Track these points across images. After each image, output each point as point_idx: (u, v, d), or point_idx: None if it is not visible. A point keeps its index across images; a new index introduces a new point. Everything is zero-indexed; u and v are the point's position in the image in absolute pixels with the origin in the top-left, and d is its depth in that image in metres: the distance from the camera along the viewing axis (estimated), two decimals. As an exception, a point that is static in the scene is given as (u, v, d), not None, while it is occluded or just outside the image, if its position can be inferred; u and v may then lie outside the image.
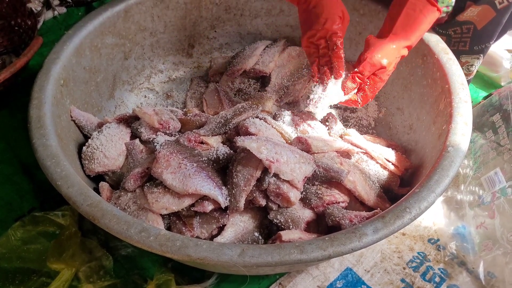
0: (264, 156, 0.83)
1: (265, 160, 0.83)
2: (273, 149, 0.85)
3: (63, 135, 0.92)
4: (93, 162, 0.95)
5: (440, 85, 0.99)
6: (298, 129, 1.07)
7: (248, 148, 0.83)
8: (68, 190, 0.77)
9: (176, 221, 0.85)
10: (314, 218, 0.88)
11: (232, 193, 0.83)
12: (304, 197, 0.90)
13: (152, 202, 0.83)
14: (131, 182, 0.88)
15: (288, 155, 0.86)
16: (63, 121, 0.96)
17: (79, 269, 0.92)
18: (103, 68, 1.14)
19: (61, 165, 0.81)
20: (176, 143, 0.90)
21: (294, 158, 0.87)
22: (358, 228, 0.73)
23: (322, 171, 0.91)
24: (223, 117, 0.99)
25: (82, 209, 0.75)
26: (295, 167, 0.86)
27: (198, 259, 0.69)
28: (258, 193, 0.85)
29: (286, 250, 0.70)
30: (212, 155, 0.90)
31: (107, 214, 0.74)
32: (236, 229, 0.85)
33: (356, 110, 1.23)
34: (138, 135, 0.99)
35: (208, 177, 0.84)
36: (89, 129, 1.02)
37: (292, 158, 0.87)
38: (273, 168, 0.83)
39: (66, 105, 0.99)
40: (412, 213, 0.75)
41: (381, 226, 0.73)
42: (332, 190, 0.91)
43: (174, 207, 0.83)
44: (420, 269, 0.96)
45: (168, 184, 0.83)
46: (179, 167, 0.84)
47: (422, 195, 0.77)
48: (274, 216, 0.85)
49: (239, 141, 0.84)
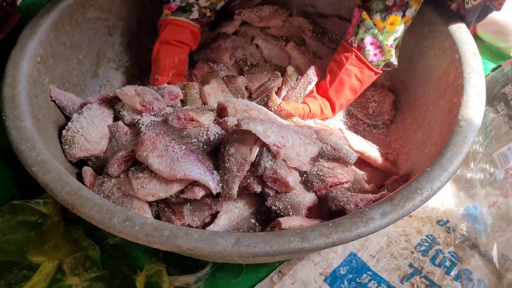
0: (271, 141, 0.76)
1: (272, 146, 0.76)
2: (279, 132, 0.78)
3: (41, 117, 0.85)
4: (74, 146, 0.87)
5: (450, 55, 0.91)
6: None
7: (253, 132, 0.75)
8: (44, 176, 0.70)
9: (164, 209, 0.78)
10: (316, 203, 0.81)
11: (224, 179, 0.76)
12: (305, 180, 0.83)
13: (137, 189, 0.76)
14: (114, 167, 0.81)
15: (293, 138, 0.79)
16: (41, 101, 0.88)
17: (63, 261, 0.86)
18: (85, 44, 1.06)
19: (36, 149, 0.74)
20: (162, 123, 0.82)
21: (299, 140, 0.80)
22: (365, 212, 0.66)
23: (330, 149, 0.85)
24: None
25: (60, 197, 0.68)
26: (301, 150, 0.79)
27: (188, 249, 0.63)
28: (252, 179, 0.77)
29: (286, 238, 0.63)
30: (202, 136, 0.82)
31: (87, 202, 0.67)
32: (230, 216, 0.79)
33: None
34: (121, 118, 0.92)
35: (198, 160, 0.77)
36: (71, 110, 0.95)
37: (297, 140, 0.79)
38: (281, 154, 0.76)
39: (45, 83, 0.91)
40: (423, 195, 0.68)
41: (389, 210, 0.67)
42: (334, 170, 0.84)
43: (162, 193, 0.76)
44: (429, 253, 0.90)
45: (155, 168, 0.76)
46: (166, 150, 0.77)
47: (434, 174, 0.71)
48: (272, 203, 0.78)
49: (243, 123, 0.76)
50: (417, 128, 0.99)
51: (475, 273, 0.87)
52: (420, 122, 0.98)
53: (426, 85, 0.99)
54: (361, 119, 1.10)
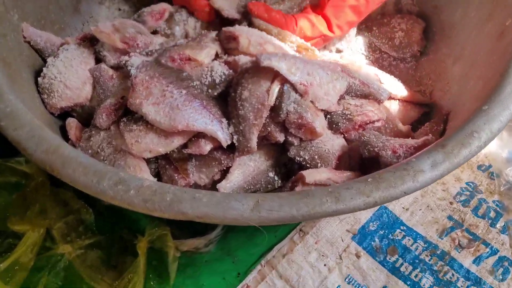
0: (297, 79, 0.63)
1: (299, 85, 0.63)
2: (305, 68, 0.64)
3: (11, 60, 0.71)
4: (53, 95, 0.74)
5: (498, -32, 0.76)
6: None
7: (276, 69, 0.62)
8: (15, 132, 0.57)
9: (165, 166, 0.66)
10: (346, 150, 0.69)
11: (239, 129, 0.63)
12: (329, 121, 0.70)
13: (131, 143, 0.64)
14: (103, 117, 0.68)
15: (320, 74, 0.66)
16: (10, 41, 0.73)
17: (52, 226, 0.74)
18: (62, -27, 0.89)
19: (4, 99, 0.60)
20: (156, 63, 0.68)
21: (326, 76, 0.67)
22: (411, 163, 0.54)
23: (359, 84, 0.72)
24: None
25: (35, 157, 0.55)
26: (329, 88, 0.67)
27: (196, 217, 0.51)
28: (273, 126, 0.65)
29: (316, 199, 0.51)
30: (206, 78, 0.68)
31: (70, 162, 0.54)
32: (244, 170, 0.67)
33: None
34: (102, 60, 0.78)
35: (202, 107, 0.64)
36: (50, 52, 0.80)
37: (324, 77, 0.66)
38: (310, 94, 0.64)
39: (14, 21, 0.76)
40: (481, 139, 0.56)
41: (441, 159, 0.54)
42: (363, 108, 0.71)
43: (161, 148, 0.64)
44: (470, 203, 0.79)
45: (151, 119, 0.63)
46: (163, 96, 0.64)
47: (493, 112, 0.58)
48: (296, 153, 0.66)
49: (263, 59, 0.62)
50: (454, 60, 0.84)
51: (524, 224, 0.76)
52: (458, 53, 0.84)
53: (466, 6, 0.83)
54: (385, 52, 0.95)
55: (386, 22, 0.95)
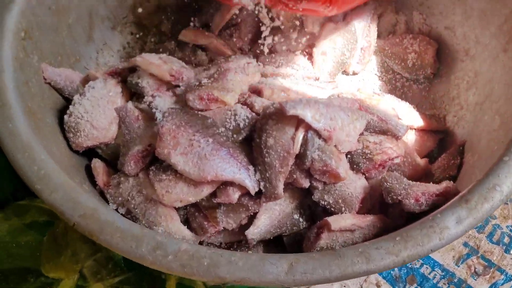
0: (321, 126, 0.65)
1: (323, 131, 0.65)
2: (327, 113, 0.66)
3: (36, 108, 0.72)
4: (80, 135, 0.75)
5: (513, 1, 0.76)
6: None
7: (301, 117, 0.63)
8: (51, 196, 0.59)
9: (195, 213, 0.68)
10: (368, 191, 0.71)
11: (265, 176, 0.65)
12: (350, 161, 0.72)
13: (162, 194, 0.65)
14: (131, 165, 0.69)
15: (342, 117, 0.67)
16: (33, 87, 0.74)
17: (83, 265, 0.77)
18: (74, 5, 0.88)
19: (37, 160, 0.61)
20: (182, 111, 0.69)
21: (347, 118, 0.68)
22: (437, 220, 0.56)
23: (377, 120, 0.73)
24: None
25: (73, 222, 0.57)
26: (350, 129, 0.68)
27: (234, 281, 0.53)
28: (299, 173, 0.66)
29: (347, 259, 0.54)
30: (230, 123, 0.70)
31: (107, 227, 0.56)
32: (271, 214, 0.69)
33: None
34: (139, 92, 0.78)
35: (229, 155, 0.65)
36: (71, 90, 0.81)
37: (345, 119, 0.68)
38: (333, 140, 0.66)
39: (34, 64, 0.77)
40: (503, 192, 0.57)
41: (465, 215, 0.56)
42: (382, 145, 0.73)
43: (191, 198, 0.65)
44: (485, 230, 0.82)
45: (180, 169, 0.64)
46: (191, 146, 0.65)
47: (514, 164, 0.59)
48: (321, 197, 0.68)
49: (289, 108, 0.63)
50: (468, 86, 0.85)
51: (537, 250, 0.79)
52: (471, 79, 0.85)
53: (481, 31, 0.84)
54: (398, 72, 0.97)
55: (399, 42, 0.96)
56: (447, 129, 0.86)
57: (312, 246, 0.65)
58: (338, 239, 0.64)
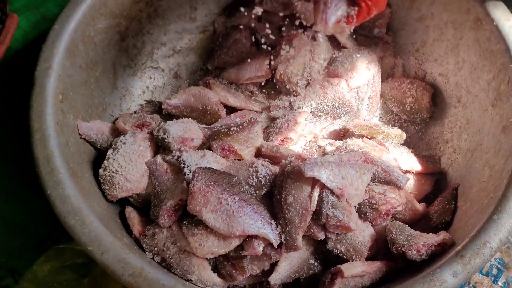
0: (335, 185, 0.74)
1: (337, 189, 0.74)
2: (339, 172, 0.75)
3: (76, 166, 0.80)
4: (114, 187, 0.84)
5: (500, 62, 0.85)
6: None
7: (317, 178, 0.73)
8: (102, 257, 0.68)
9: (224, 263, 0.77)
10: (375, 238, 0.80)
11: (286, 230, 0.74)
12: (358, 211, 0.81)
13: (195, 247, 0.74)
14: (165, 219, 0.78)
15: (351, 173, 0.77)
16: (72, 146, 0.82)
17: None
18: (100, 58, 0.96)
19: (87, 223, 0.70)
20: (210, 170, 0.78)
21: (356, 174, 0.77)
22: (437, 275, 0.66)
23: (381, 172, 0.83)
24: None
25: (123, 280, 0.66)
26: (358, 184, 0.77)
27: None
28: (315, 227, 0.76)
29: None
30: (253, 179, 0.79)
31: (154, 285, 0.65)
32: (290, 261, 0.78)
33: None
34: (166, 147, 0.87)
35: (254, 212, 0.74)
36: (102, 142, 0.90)
37: (354, 175, 0.77)
38: (345, 196, 0.75)
39: (70, 123, 0.85)
40: (493, 248, 0.68)
41: (461, 269, 0.66)
42: (386, 195, 0.82)
43: (221, 250, 0.74)
44: (476, 262, 0.92)
45: (211, 225, 0.73)
46: (220, 203, 0.74)
47: (502, 222, 0.69)
48: (334, 246, 0.78)
49: (307, 170, 0.73)
50: (460, 131, 0.95)
51: (521, 280, 0.89)
52: (463, 124, 0.94)
53: (472, 82, 0.93)
54: (397, 114, 1.06)
55: (397, 86, 1.05)
56: (442, 170, 0.96)
57: (327, 291, 0.74)
58: (349, 284, 0.74)
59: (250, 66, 1.03)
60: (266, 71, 1.02)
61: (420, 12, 1.02)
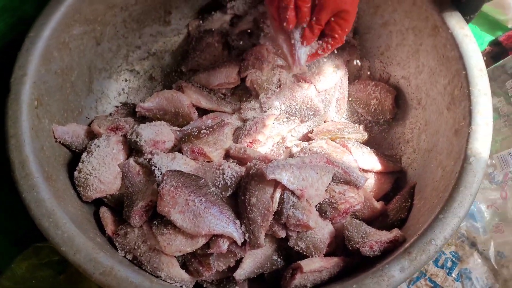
0: (295, 187, 0.79)
1: (297, 190, 0.80)
2: (299, 174, 0.80)
3: (51, 170, 0.84)
4: (89, 189, 0.88)
5: (455, 68, 0.90)
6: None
7: (279, 180, 0.78)
8: (75, 257, 0.72)
9: (191, 260, 0.82)
10: (333, 235, 0.86)
11: (249, 229, 0.79)
12: (319, 210, 0.86)
13: (164, 246, 0.79)
14: (136, 219, 0.83)
15: (312, 175, 0.82)
16: (47, 150, 0.86)
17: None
18: (75, 63, 1.00)
19: (60, 225, 0.74)
20: (178, 173, 0.82)
21: (316, 175, 0.83)
22: (385, 270, 0.71)
23: (341, 172, 0.88)
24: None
25: (94, 278, 0.71)
26: (319, 184, 0.83)
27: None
28: (277, 226, 0.81)
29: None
30: (219, 181, 0.84)
31: (123, 282, 0.70)
32: (254, 258, 0.83)
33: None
34: (138, 149, 0.92)
35: (219, 212, 0.79)
36: (77, 145, 0.94)
37: (315, 176, 0.82)
38: (305, 197, 0.80)
39: (46, 127, 0.88)
40: (438, 245, 0.73)
41: (407, 265, 0.71)
42: (345, 194, 0.88)
43: (189, 248, 0.79)
44: (432, 256, 0.98)
45: (179, 225, 0.78)
46: (187, 205, 0.79)
47: (447, 221, 0.74)
48: (295, 243, 0.83)
49: (268, 173, 0.78)
50: (419, 132, 1.00)
51: (474, 272, 0.96)
52: (423, 125, 0.99)
53: (431, 86, 0.97)
54: (362, 115, 1.11)
55: (363, 88, 1.10)
56: (402, 169, 1.01)
57: (288, 285, 0.80)
58: (309, 278, 0.80)
59: (220, 72, 1.07)
60: (235, 79, 1.06)
61: (384, 18, 1.07)
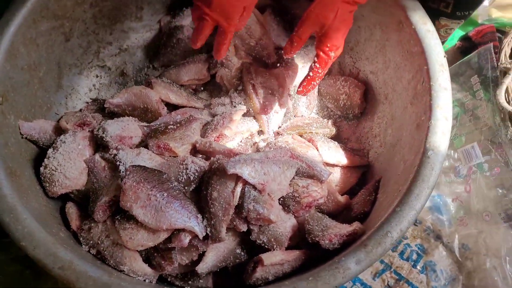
0: (256, 181, 0.80)
1: (258, 184, 0.80)
2: (261, 169, 0.81)
3: (15, 166, 0.84)
4: (54, 184, 0.89)
5: (417, 63, 0.91)
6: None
7: (240, 175, 0.79)
8: (34, 251, 0.73)
9: (154, 254, 0.83)
10: (296, 228, 0.87)
11: (211, 223, 0.80)
12: (282, 203, 0.87)
13: (126, 240, 0.80)
14: (100, 214, 0.83)
15: (274, 170, 0.83)
16: (12, 146, 0.87)
17: (61, 291, 0.92)
18: (44, 59, 1.00)
19: (21, 220, 0.75)
20: (141, 168, 0.83)
21: (279, 169, 0.83)
22: (341, 262, 0.72)
23: (305, 167, 0.89)
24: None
25: (53, 273, 0.72)
26: (281, 179, 0.83)
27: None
28: (238, 220, 0.82)
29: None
30: (182, 176, 0.84)
31: (82, 277, 0.71)
32: (217, 252, 0.84)
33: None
34: (104, 145, 0.92)
35: (181, 207, 0.80)
36: (45, 141, 0.94)
37: (277, 171, 0.83)
38: (266, 191, 0.81)
39: (11, 123, 0.89)
40: (394, 237, 0.74)
41: (363, 257, 0.72)
42: (309, 188, 0.89)
43: (150, 243, 0.80)
44: (398, 248, 0.99)
45: (141, 220, 0.78)
46: (149, 199, 0.79)
47: (403, 214, 0.75)
48: (257, 237, 0.83)
49: (229, 167, 0.79)
50: (386, 126, 1.01)
51: (438, 264, 0.97)
52: (389, 120, 1.00)
53: (396, 81, 0.98)
54: (332, 110, 1.12)
55: (332, 83, 1.11)
56: (369, 163, 1.03)
57: (249, 278, 0.81)
58: (270, 271, 0.81)
59: (189, 69, 1.07)
60: (205, 75, 1.07)
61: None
